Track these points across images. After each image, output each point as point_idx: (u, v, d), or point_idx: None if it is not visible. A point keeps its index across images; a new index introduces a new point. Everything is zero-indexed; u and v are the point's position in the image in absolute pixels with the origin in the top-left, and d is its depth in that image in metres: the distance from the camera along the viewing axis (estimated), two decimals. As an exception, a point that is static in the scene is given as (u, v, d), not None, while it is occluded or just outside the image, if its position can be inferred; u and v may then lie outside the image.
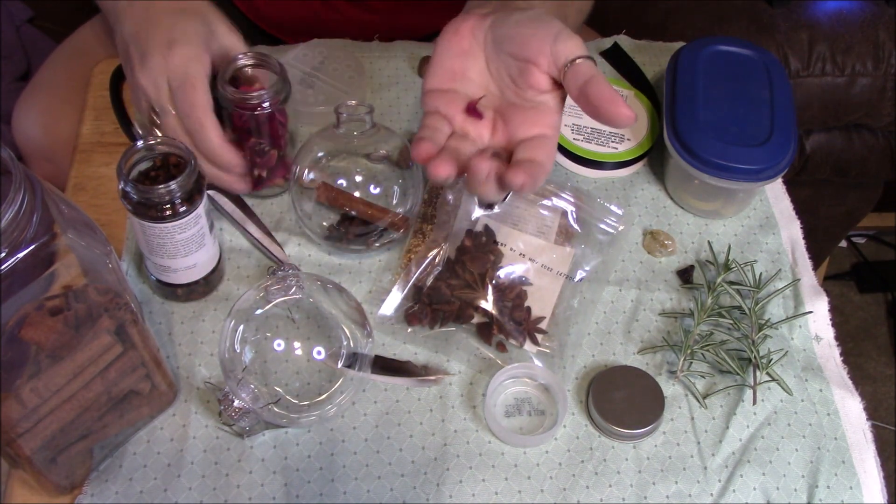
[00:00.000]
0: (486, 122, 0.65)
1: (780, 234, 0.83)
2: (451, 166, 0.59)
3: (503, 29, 0.63)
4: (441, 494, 0.65)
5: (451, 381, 0.70)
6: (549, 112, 0.63)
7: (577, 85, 0.60)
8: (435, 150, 0.61)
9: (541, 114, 0.63)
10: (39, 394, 0.54)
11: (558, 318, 0.74)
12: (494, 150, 0.63)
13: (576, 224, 0.78)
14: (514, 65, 0.63)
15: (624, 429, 0.67)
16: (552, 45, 0.61)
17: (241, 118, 0.72)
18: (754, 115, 0.81)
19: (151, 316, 0.72)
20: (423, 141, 0.61)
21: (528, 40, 0.62)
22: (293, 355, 0.65)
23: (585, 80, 0.59)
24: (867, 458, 0.69)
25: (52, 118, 0.93)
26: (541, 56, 0.61)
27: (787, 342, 0.75)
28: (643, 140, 0.86)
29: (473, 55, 0.65)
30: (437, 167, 0.59)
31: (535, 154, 0.60)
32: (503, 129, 0.64)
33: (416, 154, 0.60)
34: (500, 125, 0.64)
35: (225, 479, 0.64)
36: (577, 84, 0.60)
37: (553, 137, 0.63)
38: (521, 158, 0.60)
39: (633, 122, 0.59)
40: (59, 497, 0.63)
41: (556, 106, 0.64)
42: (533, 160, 0.60)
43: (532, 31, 0.62)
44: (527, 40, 0.62)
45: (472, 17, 0.65)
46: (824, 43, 1.26)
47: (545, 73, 0.62)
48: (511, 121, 0.63)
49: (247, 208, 0.77)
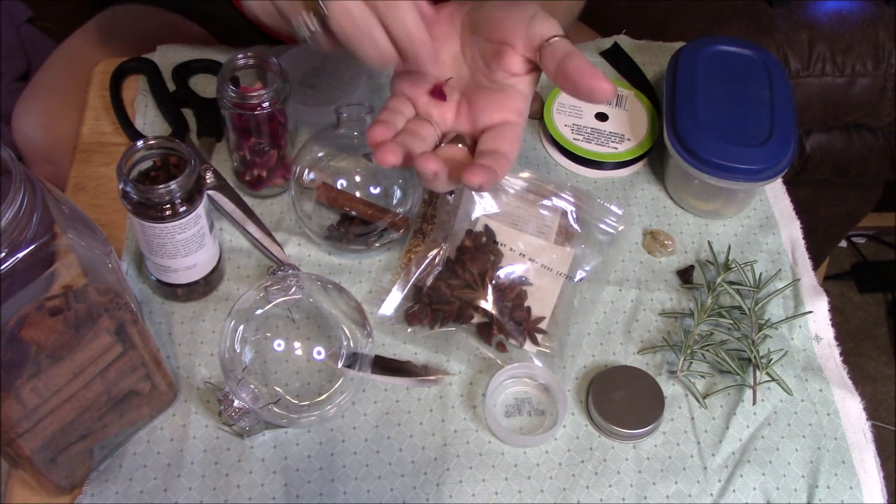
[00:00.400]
0: (450, 105, 0.64)
1: (780, 234, 0.83)
2: (398, 155, 0.57)
3: (480, 13, 0.63)
4: (441, 494, 0.64)
5: (451, 381, 0.70)
6: (518, 96, 0.62)
7: (554, 62, 0.59)
8: (389, 134, 0.60)
9: (508, 98, 0.62)
10: (39, 394, 0.54)
11: (558, 318, 0.74)
12: (457, 134, 0.63)
13: (576, 224, 0.78)
14: (490, 47, 0.62)
15: (624, 429, 0.67)
16: (527, 27, 0.60)
17: (241, 118, 0.72)
18: (754, 115, 0.81)
19: (151, 316, 0.72)
20: (378, 124, 0.60)
21: (503, 22, 0.61)
22: (293, 355, 0.65)
23: (562, 55, 0.59)
24: (867, 458, 0.69)
25: (52, 119, 0.93)
26: (516, 37, 0.61)
27: (787, 342, 0.75)
28: (643, 140, 0.86)
29: (449, 40, 0.64)
30: (383, 154, 0.57)
31: (498, 144, 0.60)
32: (468, 113, 0.63)
33: (370, 137, 0.59)
34: (464, 108, 0.64)
35: (225, 479, 0.64)
36: (553, 61, 0.59)
37: (519, 124, 0.62)
38: (484, 149, 0.60)
39: (613, 94, 0.58)
40: (59, 497, 0.63)
41: (526, 90, 0.63)
42: (496, 151, 0.59)
43: (507, 13, 0.61)
44: (502, 22, 0.61)
45: (452, 4, 0.65)
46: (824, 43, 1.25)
47: (520, 55, 0.61)
48: (476, 104, 0.63)
49: (247, 208, 0.77)
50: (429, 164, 0.56)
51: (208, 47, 0.91)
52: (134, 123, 0.84)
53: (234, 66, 0.72)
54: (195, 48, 0.90)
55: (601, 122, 0.87)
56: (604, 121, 0.87)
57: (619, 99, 0.89)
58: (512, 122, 0.62)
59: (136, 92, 0.86)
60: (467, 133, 0.63)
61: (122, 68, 0.87)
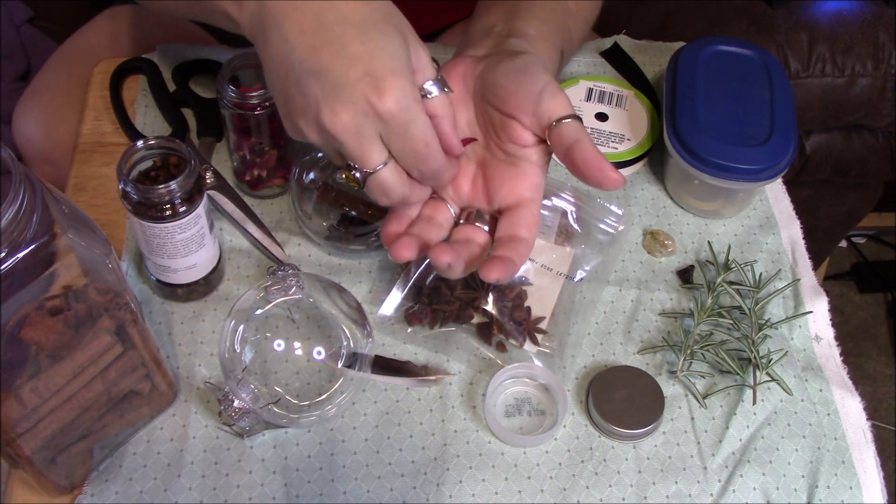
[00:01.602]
0: (466, 177, 0.63)
1: (780, 234, 0.83)
2: (412, 249, 0.58)
3: (491, 77, 0.61)
4: (441, 494, 0.65)
5: (451, 381, 0.70)
6: (532, 170, 0.61)
7: (563, 148, 0.58)
8: (402, 227, 0.60)
9: (523, 174, 0.61)
10: (39, 394, 0.54)
11: (558, 318, 0.74)
12: (475, 210, 0.62)
13: (576, 224, 0.78)
14: (498, 117, 0.61)
15: (624, 429, 0.67)
16: (536, 104, 0.59)
17: (241, 118, 0.72)
18: (754, 115, 0.81)
19: (151, 316, 0.72)
20: (392, 219, 0.61)
21: (511, 96, 0.59)
22: (293, 355, 0.65)
23: (570, 143, 0.58)
24: (867, 458, 0.69)
25: (52, 121, 0.93)
26: (523, 114, 0.59)
27: (787, 342, 0.75)
28: (643, 140, 0.86)
29: (464, 103, 0.63)
30: (397, 250, 0.57)
31: (517, 230, 0.60)
32: (483, 189, 0.63)
33: (384, 235, 0.60)
34: (479, 182, 0.63)
35: (225, 479, 0.64)
36: (562, 146, 0.58)
37: (535, 201, 0.61)
38: (503, 236, 0.60)
39: (622, 185, 0.58)
40: (59, 497, 0.63)
41: (540, 161, 0.61)
42: (515, 237, 0.59)
43: (517, 85, 0.59)
44: (510, 95, 0.60)
45: (465, 60, 0.63)
46: (824, 43, 1.26)
47: (528, 130, 0.60)
48: (491, 181, 0.62)
49: (247, 208, 0.77)
50: (442, 257, 0.56)
51: (208, 47, 0.91)
52: (134, 123, 0.84)
53: (234, 66, 0.72)
54: (195, 48, 0.90)
55: (601, 122, 0.87)
56: (604, 121, 0.87)
57: (619, 99, 0.89)
58: (528, 201, 0.61)
59: (136, 92, 0.86)
60: (485, 210, 0.62)
61: (122, 68, 0.87)
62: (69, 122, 0.89)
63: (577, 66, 0.94)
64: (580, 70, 0.94)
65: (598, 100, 0.89)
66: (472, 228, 0.62)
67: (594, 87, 0.90)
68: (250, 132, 0.73)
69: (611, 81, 0.91)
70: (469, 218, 0.62)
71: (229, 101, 0.71)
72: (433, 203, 0.63)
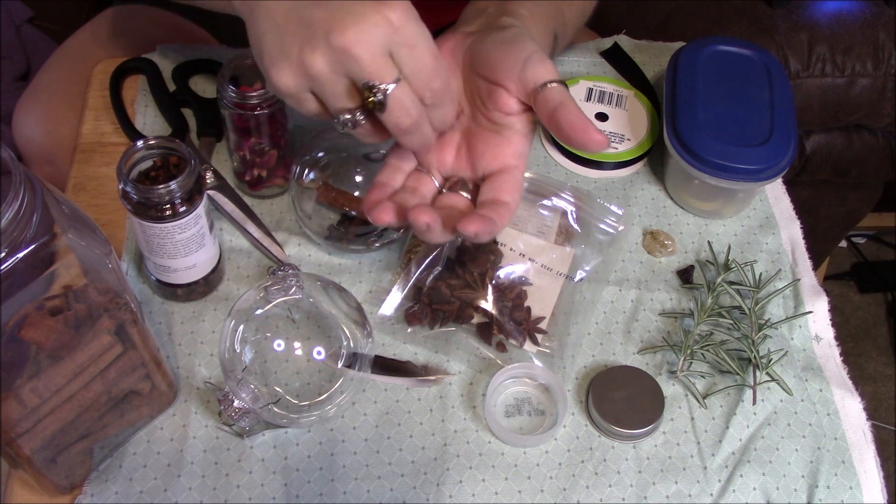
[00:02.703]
0: (450, 147, 0.63)
1: (780, 235, 0.83)
2: (391, 213, 0.58)
3: (478, 49, 0.62)
4: (441, 494, 0.65)
5: (451, 381, 0.70)
6: (516, 138, 0.62)
7: (547, 111, 0.58)
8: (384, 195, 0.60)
9: (507, 141, 0.62)
10: (39, 394, 0.54)
11: (558, 319, 0.74)
12: (458, 179, 0.62)
13: (576, 224, 0.78)
14: (485, 86, 0.61)
15: (624, 429, 0.67)
16: (521, 70, 0.59)
17: (241, 118, 0.72)
18: (754, 115, 0.81)
19: (151, 316, 0.72)
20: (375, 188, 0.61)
21: (498, 63, 0.60)
22: (293, 355, 0.65)
23: (555, 105, 0.58)
24: (867, 458, 0.69)
25: (52, 121, 0.93)
26: (509, 80, 0.60)
27: (787, 342, 0.75)
28: (643, 140, 0.86)
29: (452, 75, 0.63)
30: (377, 213, 0.58)
31: (499, 193, 0.60)
32: (467, 157, 0.63)
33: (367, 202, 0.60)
34: (463, 151, 0.63)
35: (225, 479, 0.64)
36: (546, 110, 0.58)
37: (519, 168, 0.61)
38: (485, 199, 0.60)
39: (606, 146, 0.58)
40: (59, 497, 0.63)
41: (525, 129, 0.62)
42: (497, 200, 0.59)
43: (503, 53, 0.60)
44: (497, 63, 0.60)
45: (456, 36, 0.64)
46: (824, 44, 1.26)
47: (514, 97, 0.60)
48: (475, 148, 0.62)
49: (247, 208, 0.77)
50: (420, 216, 0.56)
51: (208, 47, 0.91)
52: (134, 123, 0.84)
53: (234, 66, 0.72)
54: (195, 48, 0.90)
55: (601, 122, 0.87)
56: (604, 121, 0.87)
57: (619, 99, 0.89)
58: (511, 167, 0.61)
59: (136, 92, 0.86)
60: (469, 178, 0.62)
61: (122, 68, 0.87)
62: (69, 122, 0.89)
63: (577, 66, 0.94)
64: (580, 70, 0.94)
65: (598, 100, 0.89)
66: (455, 196, 0.62)
67: (594, 87, 0.90)
68: (250, 132, 0.73)
69: (611, 81, 0.91)
70: (454, 187, 0.62)
71: (229, 101, 0.71)
72: (417, 175, 0.63)
